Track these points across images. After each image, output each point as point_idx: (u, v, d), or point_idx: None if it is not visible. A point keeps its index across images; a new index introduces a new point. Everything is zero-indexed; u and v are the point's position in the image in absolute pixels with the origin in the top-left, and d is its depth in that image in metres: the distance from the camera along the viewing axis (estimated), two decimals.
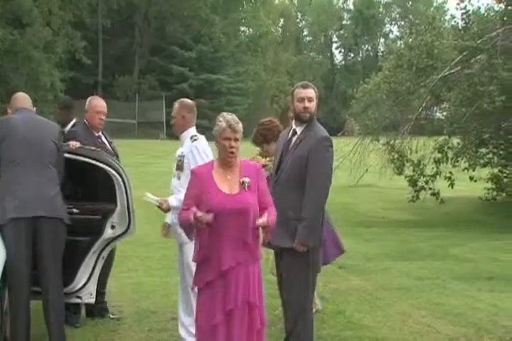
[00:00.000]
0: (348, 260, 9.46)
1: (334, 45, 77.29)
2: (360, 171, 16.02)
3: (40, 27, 36.50)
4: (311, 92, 5.24)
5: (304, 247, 5.00)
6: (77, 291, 5.91)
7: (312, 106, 5.20)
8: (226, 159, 4.52)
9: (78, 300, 6.02)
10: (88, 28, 45.26)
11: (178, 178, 5.69)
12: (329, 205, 6.69)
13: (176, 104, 5.90)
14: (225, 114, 4.62)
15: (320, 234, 5.12)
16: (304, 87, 5.25)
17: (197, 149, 5.56)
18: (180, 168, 5.67)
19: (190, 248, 5.15)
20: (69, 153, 5.87)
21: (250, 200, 4.44)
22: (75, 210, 5.81)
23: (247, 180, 4.45)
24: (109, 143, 6.87)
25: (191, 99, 6.17)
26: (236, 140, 4.49)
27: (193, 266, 4.82)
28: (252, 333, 4.44)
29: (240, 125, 4.52)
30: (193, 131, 5.79)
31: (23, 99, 5.79)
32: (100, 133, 6.81)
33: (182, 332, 5.76)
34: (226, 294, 4.40)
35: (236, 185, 4.48)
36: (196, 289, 4.62)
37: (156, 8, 51.09)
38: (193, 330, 5.44)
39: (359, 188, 18.52)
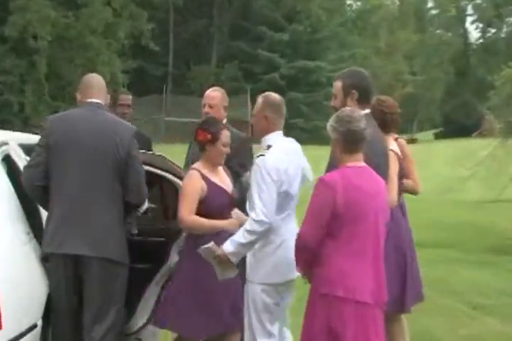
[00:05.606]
0: (483, 298, 7.44)
1: (469, 19, 54.88)
2: (501, 181, 12.03)
3: (99, 6, 27.76)
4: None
5: None
6: (136, 332, 4.61)
7: None
8: None
9: None
10: (156, 7, 34.63)
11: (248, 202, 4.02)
12: (450, 225, 7.44)
13: (259, 100, 4.27)
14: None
15: None
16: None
17: (255, 171, 3.92)
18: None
19: (252, 287, 4.14)
20: None
21: None
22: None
23: None
24: None
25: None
26: None
27: (257, 305, 4.13)
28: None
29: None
30: (273, 138, 4.06)
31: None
32: None
33: None
34: None
35: None
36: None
37: None
38: None
39: (498, 204, 13.50)
